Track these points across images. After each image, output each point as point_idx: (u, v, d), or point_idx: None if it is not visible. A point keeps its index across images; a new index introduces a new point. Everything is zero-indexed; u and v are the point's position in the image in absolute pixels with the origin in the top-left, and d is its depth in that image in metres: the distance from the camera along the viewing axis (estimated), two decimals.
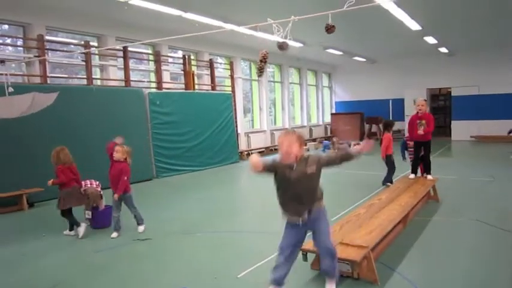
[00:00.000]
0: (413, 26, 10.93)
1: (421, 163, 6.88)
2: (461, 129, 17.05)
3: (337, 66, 20.35)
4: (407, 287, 3.43)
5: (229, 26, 10.13)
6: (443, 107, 19.90)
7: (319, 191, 3.07)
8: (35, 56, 8.21)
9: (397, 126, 17.22)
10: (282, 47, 5.11)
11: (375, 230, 3.93)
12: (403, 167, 7.77)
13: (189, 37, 11.62)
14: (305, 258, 3.58)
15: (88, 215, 5.57)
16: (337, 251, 3.16)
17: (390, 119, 17.89)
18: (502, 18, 11.06)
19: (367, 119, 19.00)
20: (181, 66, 11.49)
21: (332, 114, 20.46)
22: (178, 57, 11.76)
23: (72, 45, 9.92)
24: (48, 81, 8.31)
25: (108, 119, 8.77)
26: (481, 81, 16.70)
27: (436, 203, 6.28)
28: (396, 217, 4.43)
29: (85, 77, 9.10)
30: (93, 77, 9.23)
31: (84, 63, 9.10)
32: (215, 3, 8.71)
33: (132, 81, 10.06)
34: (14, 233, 5.66)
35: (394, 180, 7.55)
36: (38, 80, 8.20)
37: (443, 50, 15.59)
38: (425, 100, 6.83)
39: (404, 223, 4.91)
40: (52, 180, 5.21)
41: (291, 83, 17.57)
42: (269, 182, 3.03)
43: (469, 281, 3.53)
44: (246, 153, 13.55)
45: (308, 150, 15.29)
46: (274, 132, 15.82)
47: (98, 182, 5.95)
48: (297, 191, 2.93)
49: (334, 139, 15.66)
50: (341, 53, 15.56)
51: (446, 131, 18.23)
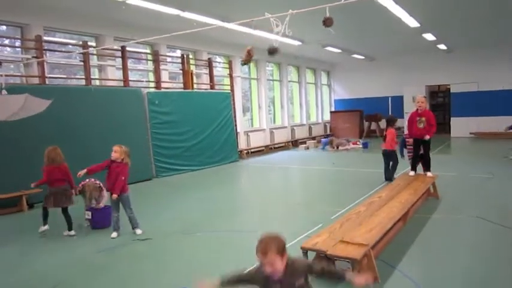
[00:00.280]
0: (412, 23, 10.91)
1: (421, 160, 6.87)
2: (461, 126, 17.05)
3: (336, 64, 20.34)
4: (407, 284, 3.43)
5: (226, 24, 10.13)
6: (442, 104, 19.88)
7: None
8: (33, 57, 8.19)
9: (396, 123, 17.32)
10: (272, 52, 5.11)
11: (375, 227, 3.92)
12: (403, 165, 7.77)
13: (188, 36, 11.62)
14: (305, 256, 3.57)
15: (88, 215, 5.57)
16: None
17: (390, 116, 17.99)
18: (500, 16, 11.04)
19: (367, 116, 18.99)
20: (180, 65, 11.47)
21: (331, 112, 20.45)
22: (177, 57, 11.73)
23: (70, 46, 9.89)
24: (46, 82, 8.29)
25: (107, 119, 8.76)
26: (480, 78, 16.69)
27: (436, 200, 6.29)
28: (396, 215, 4.43)
29: (83, 77, 9.07)
30: (92, 77, 9.21)
31: (82, 64, 9.07)
32: (213, 2, 8.68)
33: (130, 81, 10.03)
34: (14, 233, 5.66)
35: (396, 175, 7.58)
36: (36, 81, 8.17)
37: (442, 46, 15.57)
38: (425, 97, 6.82)
39: (404, 220, 4.90)
40: (35, 182, 5.28)
41: (289, 81, 17.56)
42: (269, 182, 2.97)
43: (469, 277, 3.53)
44: (245, 151, 13.55)
45: (308, 148, 15.30)
46: (274, 130, 15.82)
47: (98, 181, 5.94)
48: None
49: (333, 138, 15.63)
50: (340, 50, 15.54)
51: (446, 127, 18.23)
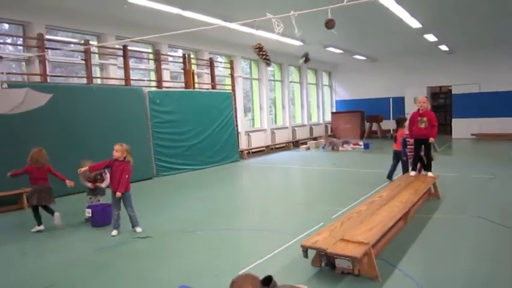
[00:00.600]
0: (414, 23, 10.90)
1: (420, 162, 6.84)
2: (462, 127, 17.03)
3: (338, 64, 20.33)
4: (408, 283, 3.41)
5: (228, 24, 10.14)
6: (443, 105, 19.87)
7: None
8: (35, 55, 8.20)
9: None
10: (306, 60, 5.23)
11: (376, 226, 3.91)
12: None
13: (189, 36, 11.67)
14: (305, 255, 3.57)
15: (88, 213, 5.56)
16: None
17: (391, 117, 17.98)
18: (502, 16, 11.03)
19: (368, 117, 18.98)
20: (181, 65, 11.48)
21: (332, 113, 20.43)
22: (178, 56, 11.74)
23: (72, 45, 9.89)
24: (48, 80, 8.29)
25: (108, 118, 8.77)
26: (482, 79, 16.67)
27: (437, 200, 6.27)
28: (397, 214, 4.41)
29: (85, 76, 9.08)
30: (93, 76, 9.21)
31: (84, 62, 9.08)
32: (214, 2, 8.68)
33: (132, 80, 10.04)
34: (13, 231, 5.65)
35: (394, 178, 7.55)
36: (38, 79, 8.18)
37: (443, 47, 15.55)
38: (426, 97, 6.78)
39: (405, 220, 4.89)
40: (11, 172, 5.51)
41: (291, 82, 17.55)
42: (269, 182, 2.90)
43: (470, 277, 3.51)
44: (246, 152, 13.55)
45: (308, 149, 15.29)
46: (275, 131, 15.81)
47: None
48: None
49: (330, 139, 15.80)
50: (341, 51, 15.53)
51: (447, 129, 18.21)
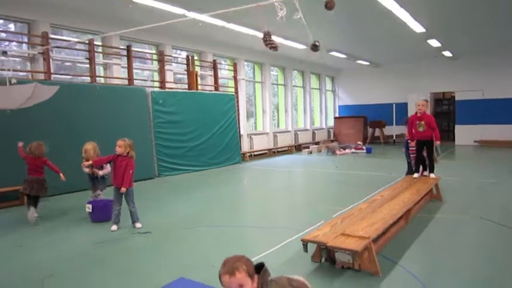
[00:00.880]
0: (418, 28, 10.91)
1: (422, 164, 6.81)
2: (465, 134, 16.96)
3: (341, 69, 20.35)
4: (409, 278, 3.38)
5: (228, 25, 10.18)
6: (447, 112, 19.82)
7: None
8: (39, 53, 8.25)
9: (400, 130, 17.24)
10: (314, 49, 5.25)
11: (377, 223, 3.88)
12: (403, 162, 7.73)
13: (193, 37, 11.71)
14: (305, 249, 3.54)
15: (88, 208, 5.55)
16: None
17: (394, 123, 17.98)
18: (506, 23, 11.04)
19: (371, 123, 18.95)
20: (185, 66, 11.52)
21: (335, 117, 20.41)
22: (182, 58, 11.78)
23: (76, 45, 9.94)
24: (51, 78, 8.33)
25: (110, 117, 8.78)
26: (485, 86, 16.63)
27: (439, 201, 6.23)
28: (398, 212, 4.38)
29: (88, 75, 9.12)
30: (97, 75, 9.25)
31: (88, 61, 9.13)
32: (219, 3, 8.71)
33: (135, 80, 10.08)
34: (13, 226, 5.63)
35: (397, 180, 7.52)
36: (41, 77, 8.22)
37: (447, 53, 15.55)
38: (426, 101, 6.73)
39: (406, 219, 4.86)
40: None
41: (294, 86, 17.56)
42: (271, 183, 2.79)
43: (470, 274, 3.48)
44: (248, 154, 13.53)
45: (311, 152, 15.26)
46: (277, 134, 15.81)
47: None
48: None
49: (330, 144, 15.95)
50: (345, 56, 15.54)
51: (450, 135, 18.16)
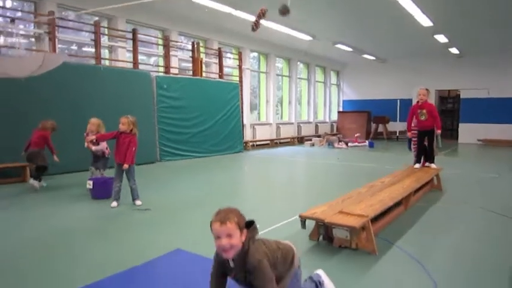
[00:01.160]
0: (425, 21, 10.84)
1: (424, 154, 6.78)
2: (469, 132, 16.88)
3: (346, 64, 20.27)
4: (405, 258, 3.39)
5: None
6: (451, 110, 19.74)
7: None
8: (45, 32, 8.26)
9: (404, 126, 17.18)
10: (283, 11, 5.11)
11: (376, 204, 3.89)
12: (408, 156, 7.72)
13: (199, 24, 11.66)
14: (303, 226, 3.55)
15: (89, 185, 5.58)
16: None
17: (397, 119, 17.91)
18: None
19: (375, 118, 18.89)
20: (190, 53, 11.51)
21: (339, 112, 20.37)
22: (187, 44, 11.77)
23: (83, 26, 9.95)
24: None
25: (114, 99, 8.78)
26: (491, 84, 16.53)
27: (439, 192, 6.21)
28: (397, 196, 4.38)
29: (94, 56, 9.13)
30: (102, 57, 9.26)
31: (93, 43, 9.14)
32: None
33: (140, 64, 10.08)
34: (15, 201, 5.68)
35: (398, 168, 7.51)
36: None
37: (454, 50, 15.46)
38: (427, 89, 6.61)
39: (405, 205, 4.85)
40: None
41: (299, 78, 17.51)
42: (272, 171, 2.69)
43: (469, 257, 3.48)
44: (250, 144, 13.55)
45: (313, 145, 15.25)
46: (280, 126, 15.81)
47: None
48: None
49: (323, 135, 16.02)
50: (350, 49, 15.46)
51: (454, 133, 18.11)
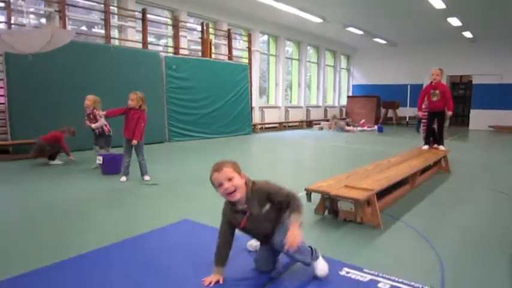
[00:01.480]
0: (438, 3, 10.64)
1: (433, 137, 6.74)
2: (480, 119, 16.68)
3: (357, 48, 20.04)
4: (409, 232, 3.42)
5: None
6: (463, 96, 19.46)
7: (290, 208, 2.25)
8: (56, 11, 8.30)
9: (414, 111, 16.97)
10: None
11: (382, 180, 3.91)
12: (417, 140, 7.69)
13: (208, 5, 11.58)
14: (309, 199, 3.58)
15: (99, 160, 5.68)
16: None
17: (408, 104, 17.74)
18: None
19: (384, 103, 18.75)
20: (199, 34, 11.47)
21: (348, 96, 20.22)
22: (197, 25, 11.72)
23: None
24: None
25: (123, 79, 8.82)
26: (504, 70, 16.27)
27: (447, 173, 6.20)
28: (404, 173, 4.39)
29: (103, 35, 9.16)
30: (111, 36, 9.29)
31: (103, 22, 9.16)
32: None
33: (149, 44, 10.09)
34: (27, 175, 5.81)
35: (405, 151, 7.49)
36: None
37: (467, 34, 15.16)
38: (440, 69, 6.50)
39: (412, 184, 4.86)
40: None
41: (308, 62, 17.38)
42: (280, 151, 2.56)
43: (475, 233, 3.49)
44: (259, 126, 13.57)
45: (322, 129, 15.22)
46: (289, 109, 15.77)
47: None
48: (259, 232, 2.31)
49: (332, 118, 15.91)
50: (362, 32, 15.27)
51: (465, 120, 17.91)
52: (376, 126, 15.73)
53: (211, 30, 11.79)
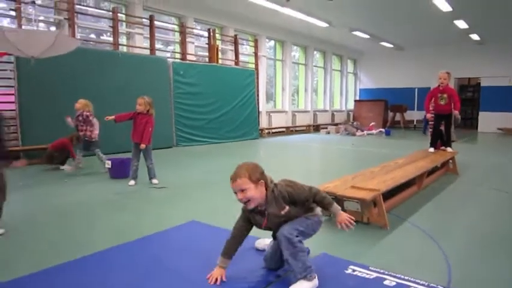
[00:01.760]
0: (444, 6, 10.64)
1: (440, 139, 6.71)
2: (489, 121, 16.54)
3: (364, 52, 20.03)
4: (416, 232, 3.42)
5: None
6: (471, 99, 19.31)
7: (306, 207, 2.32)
8: (65, 19, 8.45)
9: (422, 115, 16.88)
10: None
11: (388, 180, 3.92)
12: (425, 142, 7.66)
13: (215, 11, 11.68)
14: None
15: (108, 164, 5.76)
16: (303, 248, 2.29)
17: (415, 107, 17.66)
18: None
19: (392, 107, 18.68)
20: (206, 40, 11.58)
21: (356, 100, 20.19)
22: (204, 31, 11.84)
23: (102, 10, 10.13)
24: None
25: (131, 85, 8.90)
26: None
27: (454, 175, 6.17)
28: (410, 174, 4.39)
29: (112, 42, 9.30)
30: (120, 43, 9.42)
31: (111, 30, 9.30)
32: None
33: (157, 50, 10.21)
34: (39, 180, 5.90)
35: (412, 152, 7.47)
36: None
37: (474, 36, 15.09)
38: (447, 73, 6.49)
39: (419, 186, 4.85)
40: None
41: (315, 66, 17.42)
42: (288, 155, 2.53)
43: (481, 233, 3.48)
44: (266, 131, 13.61)
45: (329, 133, 15.21)
46: (296, 113, 15.80)
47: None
48: (278, 230, 2.30)
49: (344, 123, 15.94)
50: (368, 36, 15.28)
51: (474, 122, 17.77)
52: (383, 129, 15.66)
53: (218, 36, 11.89)
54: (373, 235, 3.34)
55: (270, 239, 2.54)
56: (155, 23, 10.06)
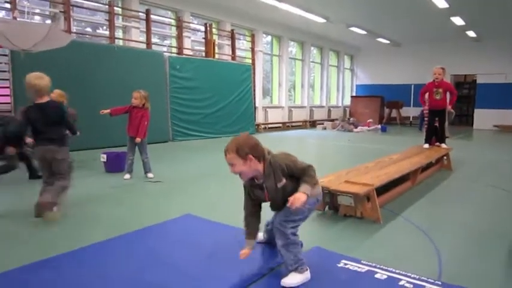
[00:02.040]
0: (440, 2, 10.64)
1: (435, 135, 6.75)
2: (485, 118, 16.62)
3: (360, 48, 20.03)
4: (409, 227, 3.45)
5: None
6: (467, 96, 19.38)
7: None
8: (61, 12, 8.40)
9: (417, 112, 16.92)
10: None
11: (382, 176, 3.94)
12: (420, 139, 7.69)
13: (211, 5, 11.64)
14: None
15: (103, 158, 5.75)
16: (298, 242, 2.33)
17: (411, 104, 17.71)
18: None
19: (388, 103, 18.71)
20: (203, 34, 11.55)
21: (352, 96, 20.21)
22: (200, 25, 11.80)
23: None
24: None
25: (127, 79, 8.85)
26: (509, 69, 16.20)
27: (449, 171, 6.21)
28: (404, 170, 4.42)
29: (108, 36, 9.26)
30: (116, 37, 9.38)
31: (107, 23, 9.25)
32: None
33: (153, 44, 10.17)
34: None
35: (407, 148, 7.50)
36: None
37: (471, 33, 15.12)
38: (442, 68, 6.47)
39: (413, 181, 4.88)
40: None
41: (312, 62, 17.40)
42: (282, 149, 2.58)
43: (474, 227, 3.52)
44: (262, 126, 13.62)
45: (325, 128, 15.24)
46: (292, 109, 15.80)
47: None
48: (276, 204, 2.35)
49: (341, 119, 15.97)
50: (365, 32, 15.28)
51: (469, 119, 17.85)
52: (379, 125, 15.72)
53: (214, 31, 11.86)
54: (366, 229, 3.37)
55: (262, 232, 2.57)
56: (151, 16, 10.02)
